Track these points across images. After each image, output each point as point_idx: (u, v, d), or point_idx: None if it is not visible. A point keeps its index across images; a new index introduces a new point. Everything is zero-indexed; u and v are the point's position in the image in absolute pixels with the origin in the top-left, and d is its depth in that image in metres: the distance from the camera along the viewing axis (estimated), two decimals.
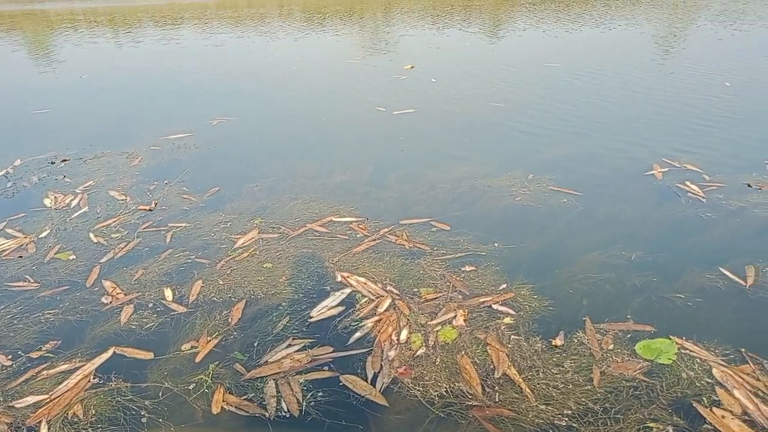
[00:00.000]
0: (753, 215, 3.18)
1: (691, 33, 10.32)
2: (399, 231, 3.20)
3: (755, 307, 2.40)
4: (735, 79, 6.41)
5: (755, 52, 8.09)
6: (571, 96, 6.08)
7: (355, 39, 11.70)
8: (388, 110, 5.78)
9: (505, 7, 16.30)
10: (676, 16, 12.67)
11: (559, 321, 2.38)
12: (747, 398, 1.90)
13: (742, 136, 4.50)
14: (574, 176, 3.90)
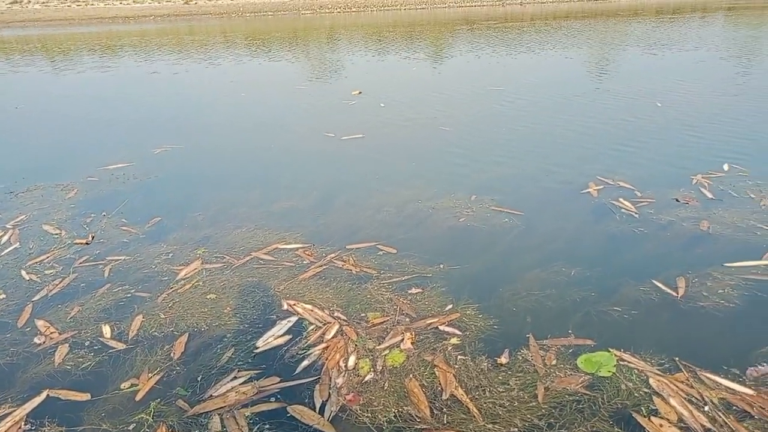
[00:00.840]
0: (681, 228, 3.35)
1: (622, 57, 10.86)
2: (346, 256, 3.20)
3: (686, 316, 2.51)
4: (666, 99, 6.76)
5: (683, 74, 8.58)
6: (513, 119, 6.29)
7: (302, 65, 11.76)
8: (337, 136, 5.81)
9: (446, 33, 16.74)
10: (607, 42, 13.32)
11: (504, 339, 2.42)
12: (682, 405, 1.97)
13: (670, 154, 4.75)
14: (515, 196, 4.01)
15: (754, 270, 2.84)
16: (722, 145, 4.89)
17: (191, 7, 31.76)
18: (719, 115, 5.89)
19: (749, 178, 4.05)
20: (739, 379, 2.09)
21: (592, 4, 27.07)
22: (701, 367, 2.16)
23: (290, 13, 29.15)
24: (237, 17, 27.84)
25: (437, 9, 28.58)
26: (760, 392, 2.01)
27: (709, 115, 5.91)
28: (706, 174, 4.16)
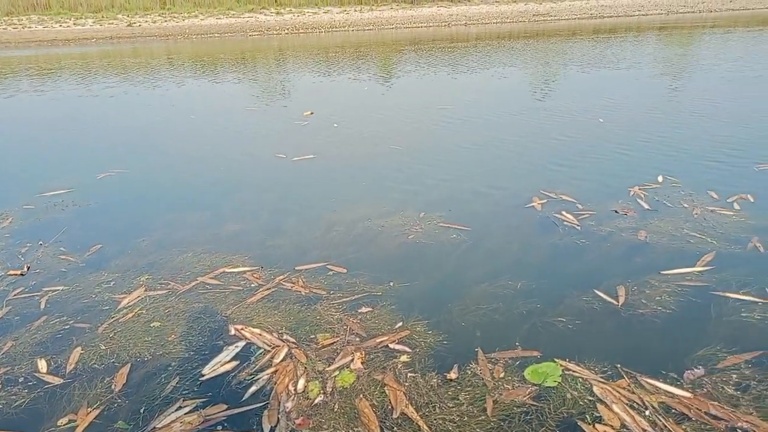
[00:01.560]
0: (621, 238, 3.48)
1: (563, 75, 11.26)
2: (295, 277, 3.17)
3: (627, 324, 2.60)
4: (604, 116, 7.04)
5: (619, 91, 8.95)
6: (461, 136, 6.41)
7: (252, 86, 11.68)
8: (288, 157, 5.77)
9: (394, 53, 16.99)
10: (549, 61, 13.80)
11: (454, 354, 2.44)
12: (624, 411, 2.03)
13: (609, 167, 4.93)
14: (463, 212, 4.08)
15: (688, 276, 2.97)
16: (656, 158, 5.11)
17: (134, 29, 31.19)
18: (654, 130, 6.17)
19: (682, 188, 4.25)
20: (677, 383, 2.17)
21: (532, 25, 28.04)
22: (642, 372, 2.23)
23: (237, 35, 28.99)
24: (182, 39, 27.49)
25: (384, 30, 29.00)
26: (696, 395, 2.09)
27: (645, 130, 6.18)
28: (643, 186, 4.34)
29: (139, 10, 34.86)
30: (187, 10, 34.86)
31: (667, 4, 35.51)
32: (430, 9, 35.95)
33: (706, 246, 3.30)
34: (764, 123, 6.23)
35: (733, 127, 6.09)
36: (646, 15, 31.65)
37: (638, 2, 36.39)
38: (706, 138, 5.71)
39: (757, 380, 2.15)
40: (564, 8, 35.24)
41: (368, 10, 35.74)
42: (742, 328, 2.52)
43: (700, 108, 7.21)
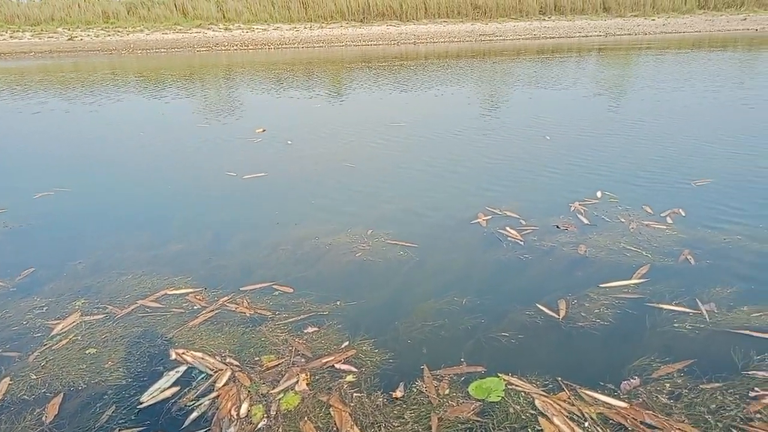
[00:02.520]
0: (562, 253, 3.58)
1: (509, 94, 11.58)
2: (239, 298, 3.11)
3: (567, 337, 2.67)
4: (548, 133, 7.26)
5: (562, 109, 9.27)
6: (411, 153, 6.48)
7: (202, 102, 11.48)
8: (239, 175, 5.68)
9: (345, 71, 17.08)
10: (496, 80, 14.17)
11: (400, 372, 2.44)
12: (565, 424, 2.07)
13: (551, 183, 5.08)
14: (410, 229, 4.11)
15: (625, 289, 3.08)
16: (596, 174, 5.30)
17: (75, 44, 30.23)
18: (594, 147, 6.41)
19: (619, 203, 4.42)
20: (615, 393, 2.24)
21: (479, 45, 28.79)
22: (581, 384, 2.29)
23: (185, 50, 28.52)
24: (127, 54, 26.83)
25: (334, 47, 29.15)
26: (632, 404, 2.16)
27: (585, 147, 6.42)
28: (583, 201, 4.48)
29: (80, 24, 33.86)
30: (132, 24, 34.11)
31: (605, 26, 37.14)
32: (379, 27, 36.41)
33: (641, 259, 3.43)
34: (695, 141, 6.57)
35: (667, 145, 6.39)
36: (586, 36, 33.00)
37: (578, 24, 37.93)
38: (642, 155, 5.96)
39: (689, 389, 2.25)
40: (508, 29, 36.35)
41: (318, 28, 35.89)
42: (674, 338, 2.62)
43: (637, 126, 7.54)
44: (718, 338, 2.61)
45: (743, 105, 9.03)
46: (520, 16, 39.63)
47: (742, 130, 7.12)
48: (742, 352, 2.47)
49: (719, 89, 10.73)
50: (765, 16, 40.02)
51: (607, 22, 38.82)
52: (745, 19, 38.91)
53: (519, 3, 40.04)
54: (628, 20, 39.60)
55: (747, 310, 2.82)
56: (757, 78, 12.58)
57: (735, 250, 3.53)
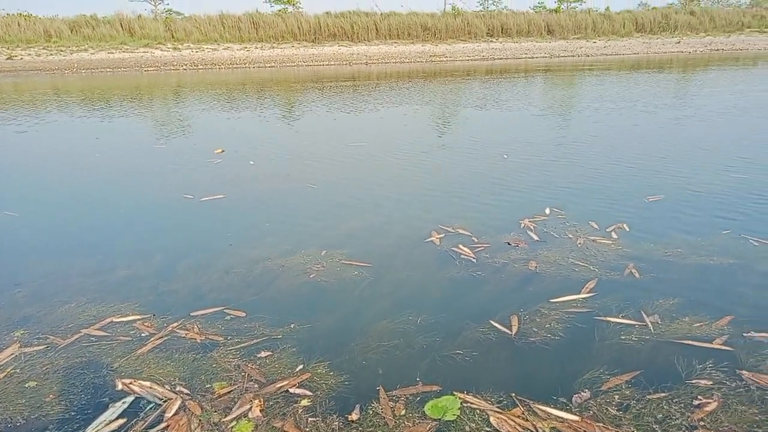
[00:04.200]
0: (513, 269, 3.65)
1: (462, 113, 11.81)
2: (190, 324, 3.03)
3: (520, 352, 2.71)
4: (500, 151, 7.42)
5: (512, 128, 9.52)
6: (369, 173, 6.50)
7: (157, 123, 11.21)
8: (196, 197, 5.55)
9: (300, 91, 17.06)
10: (448, 100, 14.43)
11: (356, 394, 2.42)
12: None
13: (501, 201, 5.19)
14: (364, 249, 4.11)
15: (575, 303, 3.16)
16: (544, 191, 5.45)
17: (15, 63, 29.15)
18: (542, 165, 6.60)
19: (567, 220, 4.55)
20: (567, 407, 2.28)
21: (430, 65, 29.32)
22: (534, 399, 2.33)
23: (132, 70, 27.91)
24: (70, 73, 26.05)
25: (286, 68, 29.11)
26: (584, 417, 2.21)
27: (534, 165, 6.60)
28: (532, 218, 4.59)
29: (21, 43, 32.68)
30: (76, 43, 33.14)
31: (549, 48, 38.49)
32: (331, 48, 36.61)
33: (589, 274, 3.54)
34: (639, 158, 6.84)
35: (611, 162, 6.64)
36: (533, 58, 34.10)
37: (525, 46, 39.17)
38: (587, 172, 6.17)
39: (636, 399, 2.31)
40: (458, 50, 37.17)
41: (269, 48, 35.77)
42: (621, 349, 2.70)
43: (583, 145, 7.81)
44: (663, 349, 2.70)
45: (680, 123, 9.48)
46: (468, 38, 40.61)
47: (681, 147, 7.48)
48: (685, 362, 2.57)
49: (659, 108, 11.25)
50: (696, 39, 42.38)
51: (552, 44, 40.24)
52: (679, 42, 41.08)
53: (467, 25, 41.06)
54: (571, 42, 41.16)
55: (688, 320, 2.93)
56: (694, 97, 13.25)
57: (676, 262, 3.68)
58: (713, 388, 2.37)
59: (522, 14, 44.04)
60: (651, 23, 45.25)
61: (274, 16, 39.48)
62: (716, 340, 2.74)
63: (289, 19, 38.64)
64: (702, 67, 23.61)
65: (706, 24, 45.97)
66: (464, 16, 41.96)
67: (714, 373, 2.48)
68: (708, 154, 6.95)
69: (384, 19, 39.79)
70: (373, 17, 39.86)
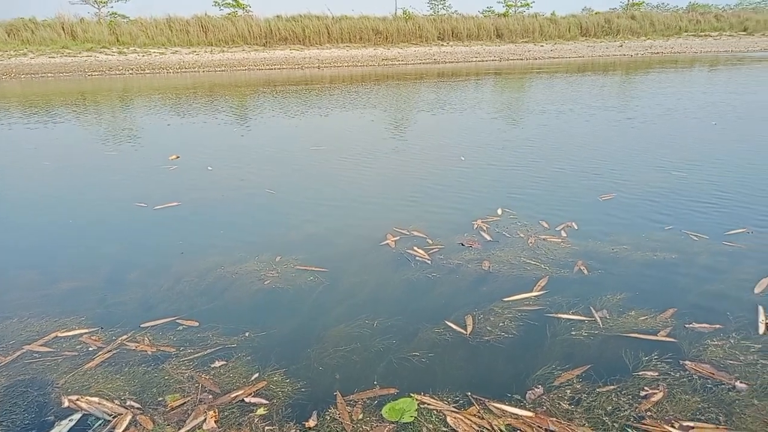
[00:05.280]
0: (467, 270, 3.70)
1: (416, 116, 11.90)
2: (140, 336, 2.95)
3: (475, 351, 2.75)
4: (451, 153, 7.51)
5: (464, 129, 9.65)
6: (324, 176, 6.47)
7: (106, 129, 10.82)
8: (150, 205, 5.38)
9: (253, 95, 16.83)
10: (403, 102, 14.52)
11: (313, 400, 2.41)
12: None
13: (455, 202, 5.25)
14: (320, 253, 4.09)
15: (527, 301, 3.23)
16: (496, 192, 5.56)
17: None
18: (494, 166, 6.72)
19: (518, 219, 4.65)
20: (521, 404, 2.33)
21: (383, 69, 29.45)
22: (490, 397, 2.37)
23: (74, 75, 26.94)
24: (8, 79, 24.93)
25: (237, 72, 28.69)
26: (537, 413, 2.26)
27: (487, 166, 6.71)
28: (485, 218, 4.67)
29: None
30: (14, 47, 31.75)
31: (499, 51, 39.25)
32: (282, 52, 36.27)
33: (540, 272, 3.62)
34: (588, 158, 7.05)
35: (561, 162, 6.82)
36: (483, 61, 34.71)
37: (475, 50, 39.81)
38: (538, 172, 6.32)
39: (587, 393, 2.38)
40: (410, 54, 37.47)
41: (219, 52, 35.16)
42: (572, 345, 2.78)
43: (535, 146, 7.99)
44: (611, 342, 2.79)
45: (624, 124, 9.82)
46: (420, 42, 40.98)
47: (627, 147, 7.75)
48: (632, 354, 2.66)
49: (605, 110, 11.62)
50: (638, 43, 44.02)
51: (501, 48, 41.04)
52: (621, 45, 42.58)
53: (419, 29, 41.44)
54: (519, 46, 42.10)
55: (634, 314, 3.04)
56: (638, 99, 13.75)
57: (622, 258, 3.81)
58: (658, 378, 2.47)
59: (472, 18, 44.75)
60: (595, 27, 46.72)
61: (223, 19, 38.81)
62: (660, 332, 2.85)
63: (239, 23, 38.08)
64: (644, 70, 24.54)
65: (646, 28, 47.79)
66: (415, 20, 42.30)
67: (659, 364, 2.58)
68: (651, 154, 7.22)
69: (336, 22, 39.71)
70: (325, 21, 39.73)
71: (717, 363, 2.57)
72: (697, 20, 50.29)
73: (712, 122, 9.58)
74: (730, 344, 2.72)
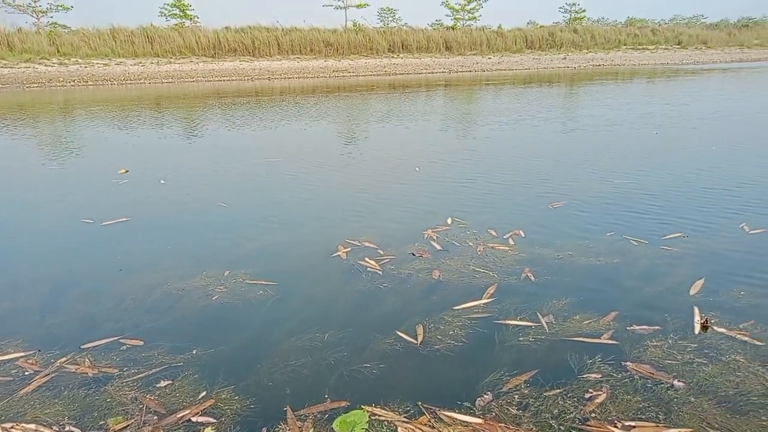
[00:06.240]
0: (418, 279, 3.73)
1: (368, 127, 11.95)
2: (80, 358, 2.83)
3: (426, 361, 2.77)
4: (407, 164, 7.58)
5: (419, 140, 9.75)
6: (277, 189, 6.40)
7: (45, 143, 10.39)
8: (97, 221, 5.18)
9: (202, 107, 16.54)
10: (355, 114, 14.56)
11: (263, 417, 2.36)
12: None
13: (406, 212, 5.30)
14: (270, 267, 4.04)
15: (476, 309, 3.27)
16: (447, 201, 5.64)
17: None
18: (444, 176, 6.82)
19: (467, 228, 4.72)
20: (471, 411, 2.35)
21: (334, 80, 29.51)
22: (440, 406, 2.38)
23: (11, 87, 25.86)
24: None
25: (185, 83, 28.19)
26: (486, 419, 2.29)
27: (437, 176, 6.81)
28: (435, 228, 4.72)
29: None
30: None
31: (448, 63, 39.99)
32: (231, 63, 35.86)
33: (489, 279, 3.68)
34: (536, 167, 7.25)
35: (509, 171, 6.98)
36: (432, 73, 35.28)
37: (425, 62, 40.41)
38: (486, 182, 6.44)
39: (534, 397, 2.43)
40: (361, 65, 37.71)
41: (166, 63, 34.45)
42: (520, 350, 2.83)
43: (484, 156, 8.17)
44: (557, 347, 2.86)
45: (570, 134, 10.15)
46: (371, 54, 41.29)
47: (571, 157, 8.01)
48: (577, 358, 2.74)
49: (550, 121, 11.98)
50: (580, 55, 45.69)
51: (450, 60, 41.81)
52: (565, 58, 44.11)
53: (369, 41, 41.77)
54: (468, 58, 42.99)
55: (579, 318, 3.13)
56: (582, 110, 14.25)
57: (567, 264, 3.92)
58: (602, 380, 2.54)
59: (421, 31, 45.45)
60: (540, 40, 48.23)
61: (170, 30, 38.11)
62: (604, 335, 2.94)
63: (187, 34, 37.48)
64: (587, 82, 25.46)
65: (588, 41, 49.66)
66: (366, 32, 42.65)
67: (603, 367, 2.65)
68: (594, 163, 7.48)
69: (286, 34, 39.60)
70: (275, 32, 39.55)
71: (656, 363, 2.67)
72: (636, 34, 52.62)
73: (654, 131, 10.01)
74: (669, 344, 2.83)
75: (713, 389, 2.45)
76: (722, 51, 50.41)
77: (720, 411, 2.30)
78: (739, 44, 53.79)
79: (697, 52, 49.30)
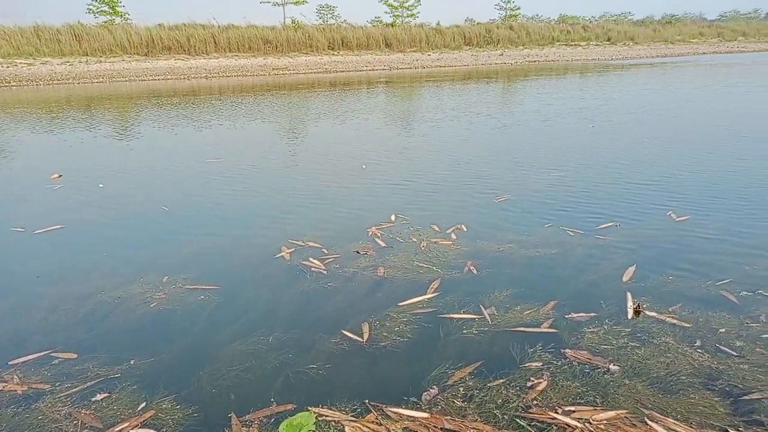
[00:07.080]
0: (363, 277, 3.73)
1: (309, 126, 11.84)
2: (8, 374, 2.68)
3: (372, 359, 2.77)
4: (347, 162, 7.55)
5: (363, 139, 9.73)
6: (219, 190, 6.24)
7: None
8: (28, 229, 4.89)
9: (137, 107, 15.94)
10: (296, 112, 14.39)
11: (206, 425, 2.31)
12: None
13: (350, 210, 5.28)
14: (211, 270, 3.94)
15: (421, 304, 3.30)
16: (390, 198, 5.66)
17: None
18: (388, 173, 6.84)
19: (411, 224, 4.75)
20: (417, 406, 2.37)
21: (273, 78, 29.09)
22: (387, 403, 2.39)
23: None
24: None
25: (117, 83, 27.10)
26: (432, 413, 2.31)
27: (380, 174, 6.81)
28: (379, 225, 4.73)
29: None
30: None
31: (389, 60, 40.12)
32: (166, 62, 34.73)
33: (432, 274, 3.72)
34: (478, 162, 7.37)
35: (452, 167, 7.08)
36: (373, 70, 35.31)
37: (365, 59, 40.40)
38: (429, 178, 6.51)
39: (479, 389, 2.47)
40: (301, 63, 37.30)
41: (96, 62, 33.01)
42: (464, 343, 2.88)
43: (427, 152, 8.24)
44: (500, 338, 2.92)
45: (506, 130, 10.39)
46: (310, 51, 40.92)
47: (511, 151, 8.21)
48: (519, 347, 2.81)
49: (490, 117, 12.23)
50: (516, 52, 46.83)
51: (391, 57, 41.96)
52: (502, 54, 45.10)
53: (308, 38, 41.38)
54: (408, 55, 43.28)
55: (520, 308, 3.21)
56: (519, 104, 14.60)
57: (507, 256, 4.01)
58: (543, 368, 2.62)
59: (361, 28, 45.41)
60: (477, 37, 49.12)
61: (99, 28, 36.55)
62: (544, 324, 3.03)
63: (117, 32, 36.03)
64: (523, 77, 26.13)
65: (523, 38, 50.97)
66: (305, 29, 42.23)
67: (543, 355, 2.73)
68: (531, 156, 7.69)
69: (222, 31, 38.70)
70: (211, 30, 38.59)
71: (593, 349, 2.77)
72: (568, 30, 54.40)
73: (591, 125, 10.36)
74: (604, 330, 2.95)
75: (646, 371, 2.56)
76: (648, 46, 52.83)
77: (653, 391, 2.41)
78: (664, 40, 56.54)
79: (626, 47, 51.42)
